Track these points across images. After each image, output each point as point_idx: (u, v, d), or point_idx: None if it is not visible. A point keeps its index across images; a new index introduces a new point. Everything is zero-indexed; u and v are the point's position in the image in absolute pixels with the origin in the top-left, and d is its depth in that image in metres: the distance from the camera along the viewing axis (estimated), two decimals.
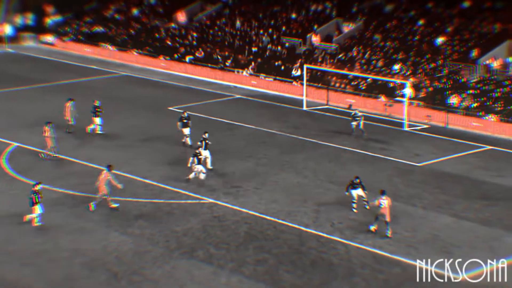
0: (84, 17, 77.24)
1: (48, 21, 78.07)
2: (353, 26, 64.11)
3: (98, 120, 47.08)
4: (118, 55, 70.04)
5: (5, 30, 75.75)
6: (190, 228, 33.77)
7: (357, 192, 35.68)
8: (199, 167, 38.63)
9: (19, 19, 78.09)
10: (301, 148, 45.36)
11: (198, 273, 29.84)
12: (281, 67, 61.65)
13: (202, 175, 38.64)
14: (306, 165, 42.24)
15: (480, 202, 37.39)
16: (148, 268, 30.13)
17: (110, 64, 68.21)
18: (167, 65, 66.29)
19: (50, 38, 75.67)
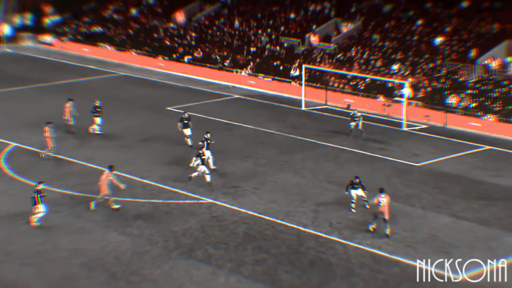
0: (83, 17, 77.11)
1: (47, 21, 77.95)
2: (352, 26, 64.01)
3: (99, 120, 47.05)
4: (117, 55, 69.91)
5: (4, 30, 75.67)
6: (189, 228, 33.72)
7: (357, 192, 35.63)
8: (203, 168, 38.54)
9: (18, 19, 77.96)
10: (300, 148, 45.31)
11: (197, 273, 29.79)
12: (280, 67, 61.59)
13: (208, 177, 38.56)
14: (305, 165, 42.19)
15: (479, 202, 37.37)
16: (147, 268, 30.07)
17: (109, 64, 68.08)
18: (166, 65, 66.15)
19: (49, 38, 75.57)
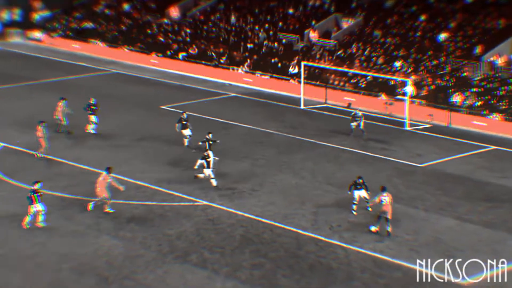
0: (73, 12, 76.78)
1: (36, 17, 77.51)
2: (353, 22, 63.82)
3: (94, 118, 46.77)
4: (109, 52, 69.41)
5: None
6: (184, 232, 33.48)
7: (360, 193, 35.35)
8: (208, 171, 38.29)
9: (6, 15, 77.58)
10: (299, 148, 45.16)
11: (192, 278, 29.59)
12: (278, 64, 61.36)
13: (214, 182, 38.27)
14: (304, 166, 42.04)
15: (484, 204, 37.24)
16: (140, 273, 29.84)
17: (100, 61, 67.88)
18: (160, 62, 65.87)
19: (38, 34, 75.17)
